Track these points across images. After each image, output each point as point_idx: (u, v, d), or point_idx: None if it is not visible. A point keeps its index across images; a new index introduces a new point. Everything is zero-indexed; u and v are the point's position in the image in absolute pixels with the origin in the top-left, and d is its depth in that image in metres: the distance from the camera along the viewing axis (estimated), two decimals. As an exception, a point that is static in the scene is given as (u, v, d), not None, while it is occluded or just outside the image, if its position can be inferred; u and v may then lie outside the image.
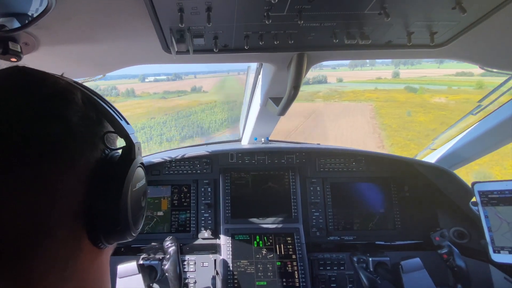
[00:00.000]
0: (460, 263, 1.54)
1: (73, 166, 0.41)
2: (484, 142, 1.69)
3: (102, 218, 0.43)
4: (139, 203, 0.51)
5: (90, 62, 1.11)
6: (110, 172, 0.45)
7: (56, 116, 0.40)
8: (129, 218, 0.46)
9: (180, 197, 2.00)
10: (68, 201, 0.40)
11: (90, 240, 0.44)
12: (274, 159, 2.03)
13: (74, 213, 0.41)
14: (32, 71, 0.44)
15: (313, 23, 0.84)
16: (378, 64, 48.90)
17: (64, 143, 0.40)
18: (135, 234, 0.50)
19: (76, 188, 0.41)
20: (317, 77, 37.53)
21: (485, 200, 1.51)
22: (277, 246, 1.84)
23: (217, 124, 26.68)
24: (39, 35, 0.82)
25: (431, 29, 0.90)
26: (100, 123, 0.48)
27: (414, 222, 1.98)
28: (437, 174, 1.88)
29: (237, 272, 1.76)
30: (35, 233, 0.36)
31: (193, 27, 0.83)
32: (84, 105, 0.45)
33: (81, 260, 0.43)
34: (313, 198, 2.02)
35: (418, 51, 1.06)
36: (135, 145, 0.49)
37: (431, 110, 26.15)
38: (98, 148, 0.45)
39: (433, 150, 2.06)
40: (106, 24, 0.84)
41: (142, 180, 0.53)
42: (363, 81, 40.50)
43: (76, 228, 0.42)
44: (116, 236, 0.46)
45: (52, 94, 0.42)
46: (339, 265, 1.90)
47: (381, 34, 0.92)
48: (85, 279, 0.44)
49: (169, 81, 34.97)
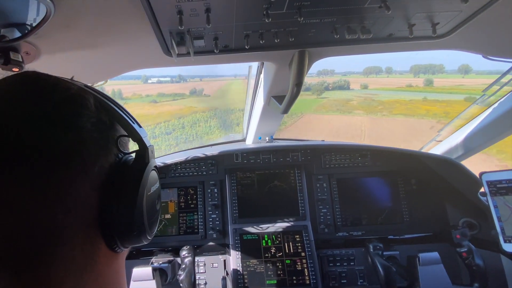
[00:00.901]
0: (479, 261, 1.53)
1: (87, 172, 0.40)
2: (490, 132, 1.67)
3: (118, 223, 0.43)
4: (154, 206, 0.51)
5: (92, 69, 1.11)
6: (125, 176, 0.45)
7: (69, 123, 0.40)
8: (145, 222, 0.46)
9: (187, 199, 2.00)
10: (84, 207, 0.40)
11: (106, 245, 0.44)
12: (279, 157, 2.02)
13: (90, 218, 0.41)
14: (44, 76, 0.44)
15: (313, 19, 0.83)
16: (395, 72, 47.29)
17: (78, 149, 0.40)
18: (150, 237, 0.49)
19: (91, 194, 0.41)
20: (338, 82, 35.82)
21: (494, 190, 1.50)
22: (286, 244, 1.84)
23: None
24: (40, 44, 0.82)
25: (433, 20, 0.88)
26: (112, 127, 0.47)
27: (423, 215, 1.96)
28: (444, 166, 1.86)
29: (246, 272, 1.75)
30: (52, 239, 0.37)
31: (192, 29, 0.83)
32: (96, 109, 0.45)
33: (99, 265, 0.43)
34: (320, 195, 2.01)
35: (420, 43, 1.04)
36: (148, 149, 0.49)
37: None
38: (111, 153, 0.45)
39: (439, 142, 2.04)
40: (106, 30, 0.83)
41: (156, 183, 0.53)
42: (392, 88, 37.86)
43: (93, 233, 0.42)
44: (132, 240, 0.46)
45: (65, 99, 0.42)
46: (349, 260, 1.89)
47: (382, 28, 0.91)
48: (103, 283, 0.44)
49: (172, 83, 32.72)
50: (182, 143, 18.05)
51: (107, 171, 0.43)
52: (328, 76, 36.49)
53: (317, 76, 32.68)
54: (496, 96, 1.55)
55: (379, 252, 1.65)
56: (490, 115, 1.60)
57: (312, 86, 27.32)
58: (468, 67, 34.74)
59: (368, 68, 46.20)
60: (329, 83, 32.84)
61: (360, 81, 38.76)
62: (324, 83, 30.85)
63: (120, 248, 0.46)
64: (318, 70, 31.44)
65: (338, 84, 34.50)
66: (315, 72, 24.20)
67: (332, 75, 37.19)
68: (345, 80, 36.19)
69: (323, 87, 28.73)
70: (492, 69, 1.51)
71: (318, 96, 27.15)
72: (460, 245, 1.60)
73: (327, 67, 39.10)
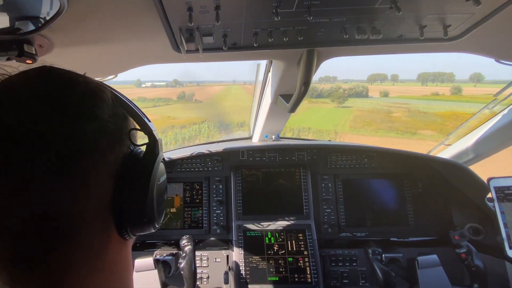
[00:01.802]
0: (478, 262, 1.51)
1: (105, 161, 0.43)
2: (500, 137, 1.64)
3: (130, 210, 0.45)
4: (162, 196, 0.53)
5: (102, 63, 1.13)
6: (137, 166, 0.47)
7: (90, 114, 0.42)
8: (154, 210, 0.49)
9: (192, 194, 2.02)
10: (101, 194, 0.42)
11: (117, 232, 0.46)
12: (285, 156, 2.02)
13: (105, 205, 0.43)
14: (62, 71, 0.45)
15: (322, 18, 0.82)
16: (401, 80, 45.72)
17: (98, 139, 0.42)
18: (158, 226, 0.52)
19: (107, 182, 0.43)
20: (355, 89, 34.10)
21: (501, 196, 1.47)
22: (289, 242, 1.84)
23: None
24: (53, 37, 0.83)
25: (445, 22, 0.87)
26: (126, 120, 0.50)
27: (428, 218, 1.94)
28: (451, 170, 1.83)
29: (249, 268, 1.76)
30: (74, 223, 0.39)
31: (202, 26, 0.83)
32: (113, 103, 0.47)
33: (110, 251, 0.45)
34: (324, 195, 2.00)
35: (431, 45, 1.03)
36: (158, 141, 0.51)
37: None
38: (125, 144, 0.47)
39: (447, 145, 2.01)
40: (117, 25, 0.84)
41: (164, 175, 0.55)
42: (420, 97, 35.43)
43: (107, 220, 0.44)
44: (141, 227, 0.48)
45: (86, 92, 0.44)
46: (351, 261, 1.88)
47: (392, 29, 0.90)
48: (113, 269, 0.46)
49: (167, 87, 31.34)
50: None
51: (120, 161, 0.46)
52: (341, 82, 35.25)
53: (331, 82, 31.57)
54: (508, 100, 1.52)
55: (378, 257, 1.65)
56: (501, 120, 1.58)
57: (325, 92, 25.97)
58: (480, 75, 33.45)
59: (373, 76, 45.06)
60: (345, 89, 31.21)
61: (377, 88, 36.36)
62: (339, 89, 29.60)
63: (129, 235, 0.48)
64: (320, 76, 30.28)
65: (355, 90, 32.79)
66: (316, 78, 22.28)
67: (334, 81, 36.12)
68: (362, 86, 34.35)
69: (341, 94, 27.12)
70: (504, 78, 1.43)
71: (340, 104, 25.58)
72: (459, 245, 1.59)
73: (329, 74, 38.28)
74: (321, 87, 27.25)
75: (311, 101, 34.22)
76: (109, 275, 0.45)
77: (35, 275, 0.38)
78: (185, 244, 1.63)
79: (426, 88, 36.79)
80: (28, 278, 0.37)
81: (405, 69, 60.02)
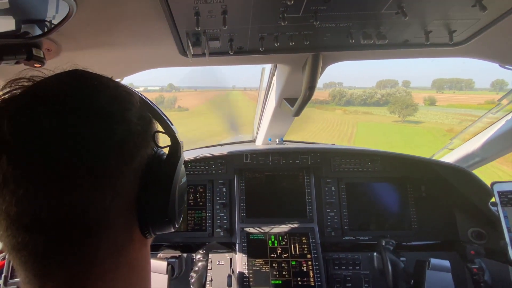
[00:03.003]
0: (487, 279, 1.53)
1: (132, 162, 0.44)
2: (504, 142, 1.63)
3: (153, 210, 0.47)
4: (182, 197, 0.55)
5: (110, 66, 1.13)
6: (161, 168, 0.49)
7: (121, 116, 0.43)
8: (176, 210, 0.50)
9: (196, 197, 2.01)
10: (127, 193, 0.44)
11: (140, 230, 0.47)
12: (288, 159, 2.01)
13: (130, 204, 0.44)
14: (94, 75, 0.46)
15: (328, 23, 0.82)
16: (413, 87, 43.56)
17: (126, 140, 0.43)
18: (177, 225, 0.53)
19: (133, 182, 0.44)
20: (394, 95, 30.85)
21: (505, 201, 1.46)
22: (292, 245, 1.83)
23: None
24: (61, 41, 0.83)
25: (450, 27, 0.87)
26: (151, 123, 0.51)
27: (431, 222, 1.93)
28: (455, 174, 1.82)
29: (252, 271, 1.75)
30: (101, 220, 0.40)
31: (209, 30, 0.83)
32: (140, 106, 0.48)
33: (132, 248, 0.46)
34: (328, 198, 1.99)
35: (436, 50, 1.02)
36: (180, 144, 0.53)
37: None
38: (149, 146, 0.49)
39: (451, 150, 2.00)
40: (124, 29, 0.84)
41: (185, 176, 0.57)
42: (475, 106, 32.64)
43: (131, 218, 0.45)
44: (162, 226, 0.49)
45: (116, 96, 0.45)
46: (355, 265, 1.86)
47: (398, 34, 0.89)
48: (134, 265, 0.47)
49: (162, 92, 30.01)
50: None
51: (145, 161, 0.47)
52: (346, 88, 32.94)
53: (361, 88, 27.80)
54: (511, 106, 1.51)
55: (390, 248, 1.64)
56: (505, 125, 1.56)
57: (355, 98, 22.59)
58: (503, 82, 31.53)
59: (382, 82, 43.21)
60: (382, 95, 27.89)
61: (418, 95, 31.61)
62: (374, 95, 26.91)
63: (150, 234, 0.49)
64: (325, 82, 28.33)
65: (396, 97, 28.03)
66: (321, 85, 19.04)
67: (339, 87, 33.89)
68: (405, 91, 30.64)
69: (407, 102, 22.24)
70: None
71: (404, 119, 18.00)
72: (473, 261, 1.59)
73: (334, 80, 36.29)
74: (349, 92, 24.21)
75: (349, 110, 30.65)
76: (131, 270, 0.46)
77: (64, 268, 0.39)
78: (200, 259, 1.63)
79: (477, 96, 32.53)
80: (56, 271, 0.39)
81: (416, 75, 56.68)
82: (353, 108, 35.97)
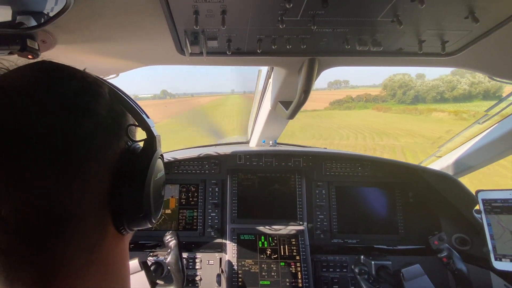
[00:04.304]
0: (460, 266, 1.48)
1: (101, 156, 0.42)
2: (490, 151, 1.65)
3: (127, 205, 0.45)
4: (159, 192, 0.53)
5: (105, 61, 1.10)
6: (134, 162, 0.47)
7: (87, 109, 0.42)
8: (151, 205, 0.48)
9: (188, 196, 1.99)
10: (97, 188, 0.42)
11: (114, 226, 0.45)
12: (281, 161, 2.00)
13: (101, 200, 0.42)
14: (60, 66, 0.45)
15: (326, 28, 0.82)
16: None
17: (94, 134, 0.41)
18: (155, 221, 0.51)
19: (103, 177, 0.42)
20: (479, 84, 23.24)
21: (489, 208, 1.49)
22: (282, 247, 1.82)
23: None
24: (56, 34, 0.81)
25: (443, 37, 0.87)
26: (124, 116, 0.49)
27: (417, 227, 1.94)
28: (441, 181, 1.84)
29: (241, 271, 1.73)
30: (69, 215, 0.38)
31: (207, 30, 0.82)
32: (110, 98, 0.46)
33: (106, 245, 0.44)
34: (318, 201, 1.99)
35: (429, 59, 1.03)
36: (156, 138, 0.51)
37: None
38: (122, 140, 0.47)
39: (439, 157, 2.02)
40: (122, 24, 0.82)
41: (162, 171, 0.55)
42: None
43: (103, 214, 0.43)
44: (138, 222, 0.47)
45: (83, 87, 0.43)
46: (342, 267, 1.87)
47: (392, 42, 0.90)
48: (108, 263, 0.45)
49: (154, 99, 27.87)
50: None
51: (118, 156, 0.45)
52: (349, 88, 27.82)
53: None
54: (499, 116, 1.53)
55: (365, 276, 1.61)
56: (491, 134, 1.58)
57: (425, 92, 16.15)
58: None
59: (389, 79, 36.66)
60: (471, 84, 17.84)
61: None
62: (457, 85, 18.32)
63: (126, 230, 0.47)
64: (329, 81, 26.53)
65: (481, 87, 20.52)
66: (325, 85, 16.80)
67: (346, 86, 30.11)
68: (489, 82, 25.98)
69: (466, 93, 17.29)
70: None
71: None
72: (440, 250, 1.55)
73: (339, 78, 32.79)
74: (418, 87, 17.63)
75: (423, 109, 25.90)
76: (105, 268, 0.44)
77: (31, 267, 0.37)
78: (169, 239, 1.56)
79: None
80: (22, 269, 0.37)
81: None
82: (425, 106, 29.51)
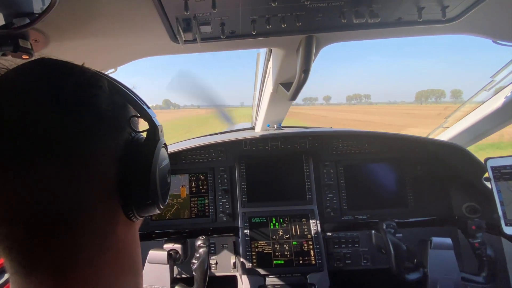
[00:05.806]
0: (490, 253, 1.51)
1: (105, 148, 0.43)
2: (497, 118, 1.60)
3: (135, 193, 0.46)
4: (165, 179, 0.54)
5: (100, 56, 1.08)
6: (139, 151, 0.48)
7: (86, 103, 0.42)
8: (158, 192, 0.49)
9: (198, 185, 2.00)
10: (104, 179, 0.43)
11: (124, 214, 0.47)
12: (287, 144, 1.99)
13: (110, 189, 0.44)
14: (58, 62, 0.45)
15: (320, 3, 0.78)
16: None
17: (96, 127, 0.42)
18: (163, 207, 0.52)
19: (110, 167, 0.43)
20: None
21: (498, 175, 1.46)
22: (293, 227, 1.82)
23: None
24: (48, 32, 0.79)
25: (443, 2, 0.82)
26: (125, 108, 0.50)
27: (427, 199, 1.92)
28: (449, 152, 1.80)
29: (255, 253, 1.75)
30: (78, 206, 0.39)
31: (199, 15, 0.79)
32: (110, 91, 0.47)
33: (118, 232, 0.46)
34: (326, 180, 1.98)
35: (430, 27, 0.98)
36: (158, 127, 0.51)
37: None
38: (125, 131, 0.47)
39: (446, 128, 1.97)
40: (111, 17, 0.80)
41: (166, 159, 0.56)
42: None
43: (113, 203, 0.44)
44: (146, 208, 0.48)
45: (83, 82, 0.44)
46: (354, 242, 1.87)
47: (390, 11, 0.85)
48: (121, 249, 0.47)
49: (155, 110, 26.90)
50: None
51: (122, 147, 0.46)
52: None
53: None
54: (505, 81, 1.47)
55: (391, 230, 1.63)
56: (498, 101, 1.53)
57: None
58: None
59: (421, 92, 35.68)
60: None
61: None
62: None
63: (136, 217, 0.48)
64: (348, 95, 25.50)
65: None
66: (344, 100, 16.10)
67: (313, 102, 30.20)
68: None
69: None
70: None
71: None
72: (474, 236, 1.57)
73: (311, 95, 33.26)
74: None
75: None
76: (118, 254, 0.46)
77: (48, 256, 0.38)
78: (201, 245, 1.59)
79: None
80: (40, 259, 0.38)
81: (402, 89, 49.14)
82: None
